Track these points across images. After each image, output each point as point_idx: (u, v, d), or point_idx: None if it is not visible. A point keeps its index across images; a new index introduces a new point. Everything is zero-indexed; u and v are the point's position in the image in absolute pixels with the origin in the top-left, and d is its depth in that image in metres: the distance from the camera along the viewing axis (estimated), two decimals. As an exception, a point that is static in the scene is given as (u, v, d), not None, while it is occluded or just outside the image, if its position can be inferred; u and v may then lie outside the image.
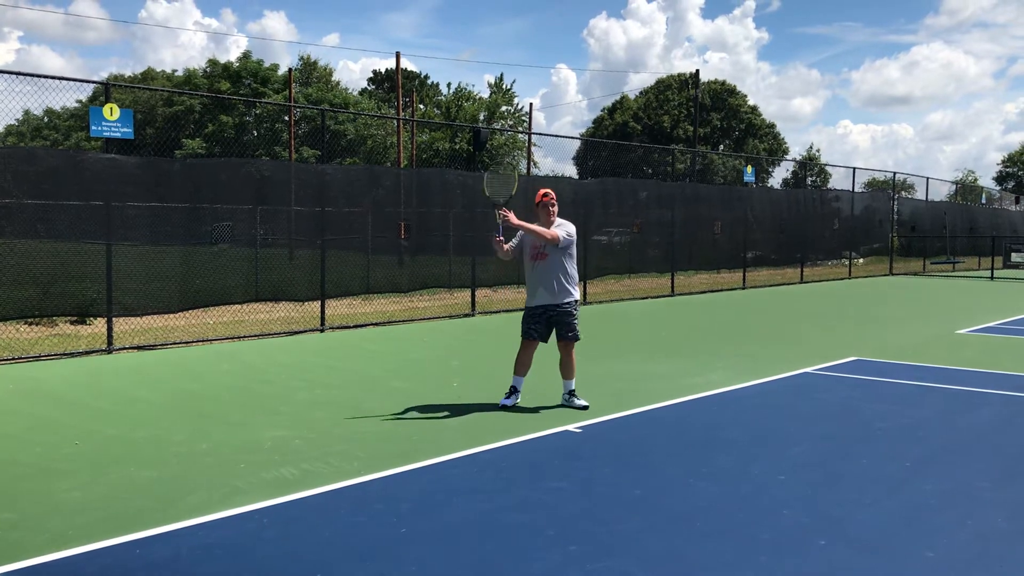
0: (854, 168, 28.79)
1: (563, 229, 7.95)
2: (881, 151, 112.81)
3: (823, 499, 5.43)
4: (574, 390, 8.12)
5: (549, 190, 8.06)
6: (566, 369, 8.08)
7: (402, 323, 14.58)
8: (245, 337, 12.49)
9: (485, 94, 45.22)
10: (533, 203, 8.04)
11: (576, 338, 8.04)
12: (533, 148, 36.29)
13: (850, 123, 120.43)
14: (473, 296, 16.27)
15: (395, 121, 34.75)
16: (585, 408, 7.90)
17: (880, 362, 10.71)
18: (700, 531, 4.86)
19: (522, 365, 8.10)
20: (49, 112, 58.26)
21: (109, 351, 11.07)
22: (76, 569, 4.27)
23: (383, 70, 59.77)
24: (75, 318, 12.65)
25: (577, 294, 8.11)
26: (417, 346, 12.18)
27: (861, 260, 31.20)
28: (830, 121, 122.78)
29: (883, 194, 34.85)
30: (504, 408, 7.87)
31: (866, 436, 7.09)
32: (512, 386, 8.08)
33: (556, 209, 8.03)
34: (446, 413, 7.70)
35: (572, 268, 8.04)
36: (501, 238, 7.88)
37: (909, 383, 9.38)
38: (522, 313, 8.22)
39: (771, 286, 23.79)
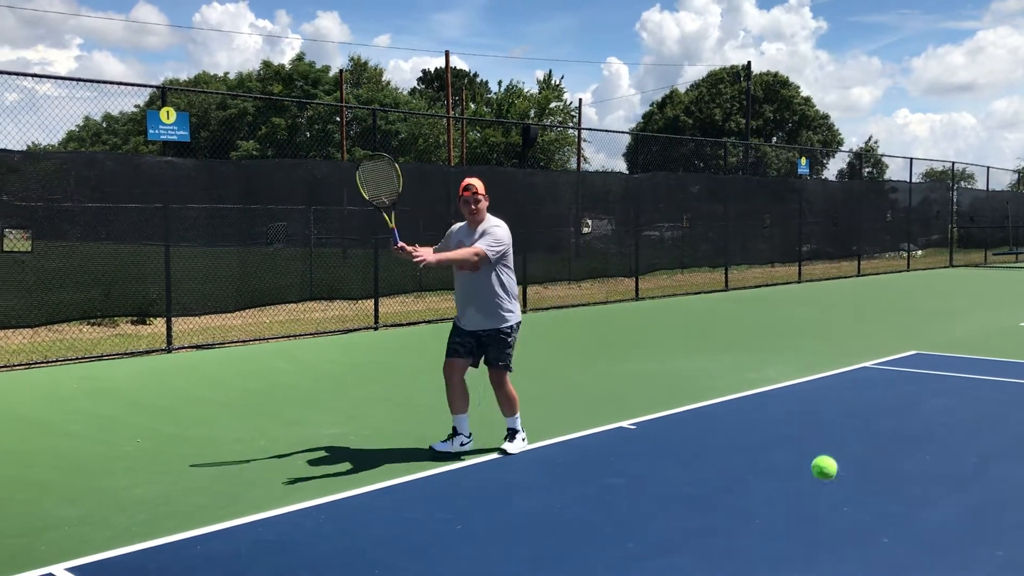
0: (911, 159, 28.22)
1: (491, 237, 6.13)
2: (941, 141, 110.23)
3: (885, 496, 5.32)
4: (517, 428, 6.40)
5: (472, 181, 6.31)
6: (504, 406, 6.39)
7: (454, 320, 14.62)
8: (300, 336, 12.63)
9: (536, 91, 45.19)
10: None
11: (507, 368, 6.26)
12: (583, 143, 36.19)
13: (908, 112, 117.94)
14: (524, 293, 16.25)
15: (445, 120, 34.90)
16: (506, 453, 6.25)
17: (941, 356, 10.47)
18: (759, 529, 4.79)
19: (455, 399, 6.31)
20: (108, 117, 59.58)
21: (169, 350, 11.27)
22: (139, 564, 4.35)
23: (433, 69, 60.08)
24: (136, 318, 12.91)
25: (518, 314, 6.34)
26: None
27: (920, 252, 30.55)
28: (888, 111, 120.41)
29: (941, 184, 34.09)
30: (446, 452, 6.25)
31: (929, 432, 6.93)
32: (453, 427, 6.33)
33: (484, 205, 6.28)
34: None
35: (510, 280, 6.28)
36: (401, 245, 5.95)
37: (972, 377, 9.14)
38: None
39: (827, 280, 23.41)
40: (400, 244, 5.96)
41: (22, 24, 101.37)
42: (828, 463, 4.62)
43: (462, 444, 6.28)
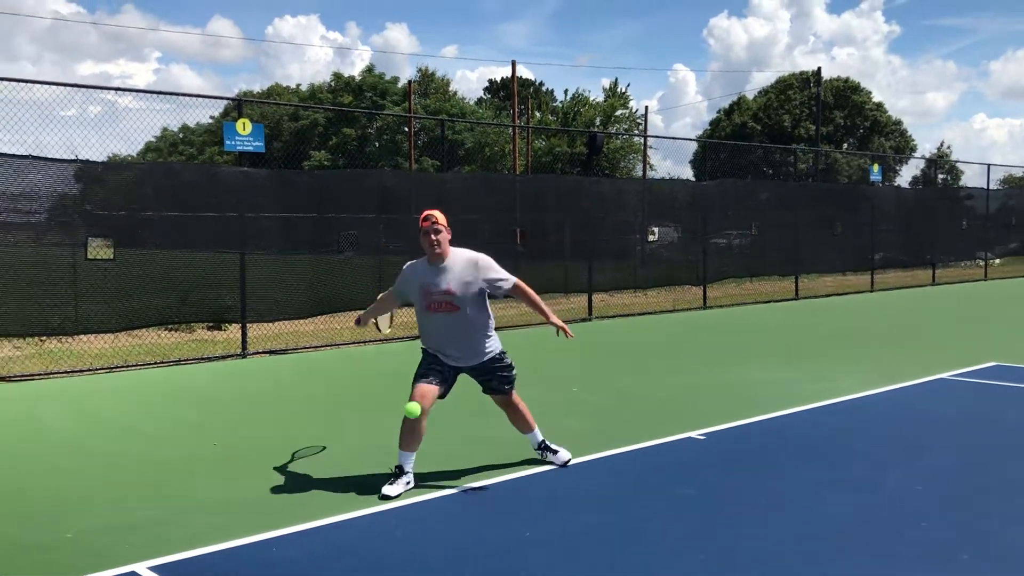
0: (988, 165, 27.47)
1: (494, 263, 6.05)
2: (1021, 146, 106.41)
3: (965, 511, 5.19)
4: (544, 440, 6.22)
5: (433, 212, 5.89)
6: (520, 423, 6.16)
7: (519, 328, 14.65)
8: (371, 342, 12.81)
9: (601, 99, 45.11)
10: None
11: (512, 388, 6.09)
12: (649, 151, 35.97)
13: (986, 117, 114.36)
14: (590, 300, 16.23)
15: (511, 129, 35.04)
16: (566, 463, 6.13)
17: (1023, 368, 10.15)
18: (833, 543, 4.71)
19: (417, 433, 5.72)
20: (184, 128, 61.12)
21: (244, 356, 11.53)
22: (216, 564, 4.46)
23: (499, 79, 60.36)
24: (211, 324, 13.23)
25: (500, 345, 6.15)
26: (536, 351, 12.22)
27: (998, 261, 29.65)
28: (965, 116, 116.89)
29: (1021, 191, 33.07)
30: (385, 498, 5.46)
31: (1011, 445, 6.73)
32: (398, 465, 5.70)
33: (446, 237, 5.90)
34: (568, 418, 7.68)
35: (491, 316, 6.10)
36: (358, 317, 6.42)
37: (1056, 390, 8.86)
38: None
39: (901, 288, 22.88)
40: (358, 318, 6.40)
41: (104, 39, 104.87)
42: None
43: (407, 484, 5.62)
